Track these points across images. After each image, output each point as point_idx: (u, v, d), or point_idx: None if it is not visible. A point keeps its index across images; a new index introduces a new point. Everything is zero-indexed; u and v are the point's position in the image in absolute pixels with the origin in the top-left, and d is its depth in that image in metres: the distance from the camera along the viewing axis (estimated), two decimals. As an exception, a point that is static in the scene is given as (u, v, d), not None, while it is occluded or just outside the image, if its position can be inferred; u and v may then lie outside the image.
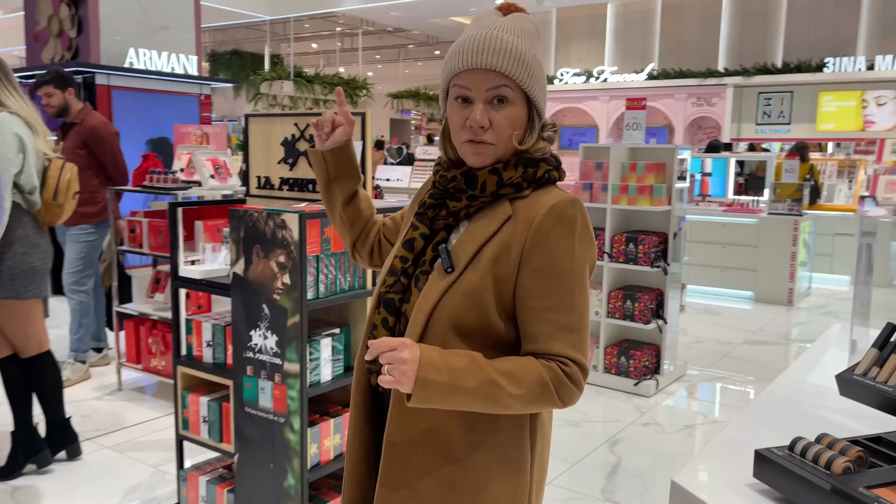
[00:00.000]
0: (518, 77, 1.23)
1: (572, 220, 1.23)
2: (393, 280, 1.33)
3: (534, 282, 1.22)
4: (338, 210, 1.58)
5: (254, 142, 2.82)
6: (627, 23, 13.62)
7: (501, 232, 1.25)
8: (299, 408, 2.30)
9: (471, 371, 1.16)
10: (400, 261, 1.33)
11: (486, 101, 1.24)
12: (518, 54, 1.23)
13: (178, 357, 2.73)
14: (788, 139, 11.91)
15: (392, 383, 1.13)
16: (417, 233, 1.34)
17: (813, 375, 1.94)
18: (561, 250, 1.22)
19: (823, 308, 7.22)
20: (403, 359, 1.13)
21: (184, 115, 6.90)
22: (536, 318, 1.22)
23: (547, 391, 1.19)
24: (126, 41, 6.70)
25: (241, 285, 2.37)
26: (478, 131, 1.24)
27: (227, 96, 19.24)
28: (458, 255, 1.27)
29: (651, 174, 4.64)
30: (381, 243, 1.60)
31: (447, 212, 1.31)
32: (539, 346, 1.22)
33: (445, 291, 1.24)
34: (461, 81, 1.25)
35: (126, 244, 4.33)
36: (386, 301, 1.32)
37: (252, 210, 2.33)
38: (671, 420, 4.20)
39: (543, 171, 1.29)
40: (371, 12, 14.65)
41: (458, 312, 1.23)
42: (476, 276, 1.23)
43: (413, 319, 1.26)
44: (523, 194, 1.28)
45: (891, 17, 11.30)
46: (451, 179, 1.31)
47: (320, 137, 1.54)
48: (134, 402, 4.32)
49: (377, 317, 1.33)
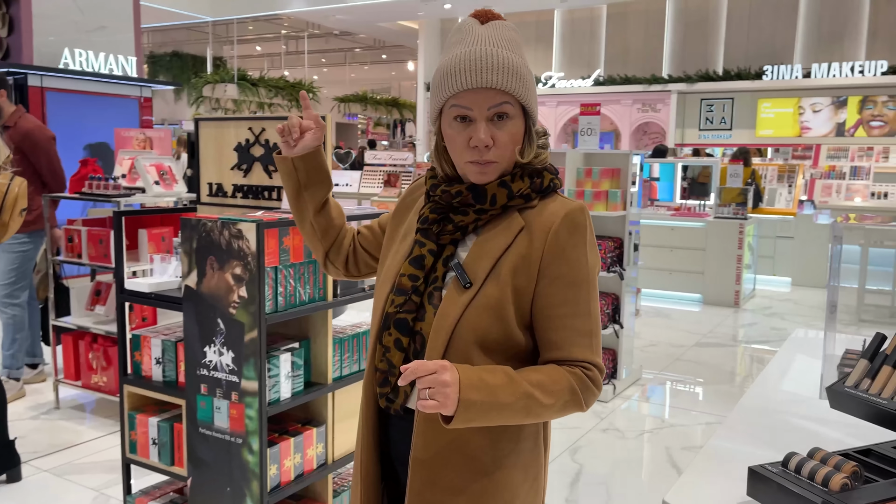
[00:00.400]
0: (517, 93, 1.23)
1: (584, 227, 1.25)
2: (403, 299, 1.28)
3: (554, 290, 1.23)
4: (309, 220, 1.51)
5: (205, 147, 2.68)
6: (574, 29, 13.78)
7: (516, 244, 1.25)
8: (258, 427, 2.18)
9: (507, 386, 1.16)
10: (409, 279, 1.29)
11: (487, 120, 1.23)
12: (515, 70, 1.22)
13: (124, 375, 2.57)
14: (730, 144, 12.22)
15: (436, 408, 1.10)
16: (425, 249, 1.30)
17: (786, 383, 1.93)
18: (577, 258, 1.24)
19: (768, 309, 7.39)
20: (446, 381, 1.10)
21: (123, 118, 6.62)
22: (557, 326, 1.23)
23: (575, 397, 1.21)
24: (61, 41, 6.39)
25: (194, 299, 2.24)
26: (483, 151, 1.23)
27: (168, 99, 18.70)
28: (472, 270, 1.25)
29: (606, 179, 4.65)
30: (357, 252, 1.56)
31: (454, 226, 1.29)
32: (561, 352, 1.23)
33: (466, 307, 1.23)
34: (461, 101, 1.23)
35: (63, 254, 4.10)
36: (398, 321, 1.28)
37: (206, 219, 2.20)
38: (630, 425, 4.20)
39: (548, 180, 1.30)
40: (316, 15, 14.45)
41: (480, 327, 1.22)
42: (496, 289, 1.23)
43: (433, 337, 1.23)
44: (531, 204, 1.28)
45: (826, 28, 11.72)
46: (457, 195, 1.28)
47: (287, 143, 1.45)
48: (73, 420, 4.09)
49: (388, 338, 1.29)
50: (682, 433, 4.07)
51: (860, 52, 11.47)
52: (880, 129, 11.25)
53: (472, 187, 1.27)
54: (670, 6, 12.79)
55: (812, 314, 7.17)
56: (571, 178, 4.72)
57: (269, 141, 2.54)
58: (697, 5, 12.61)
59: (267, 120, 2.58)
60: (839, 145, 11.33)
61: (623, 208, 4.63)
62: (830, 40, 11.67)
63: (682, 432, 4.08)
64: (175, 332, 2.57)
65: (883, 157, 10.99)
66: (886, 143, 11.11)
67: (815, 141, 11.60)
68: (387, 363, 1.28)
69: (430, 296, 1.28)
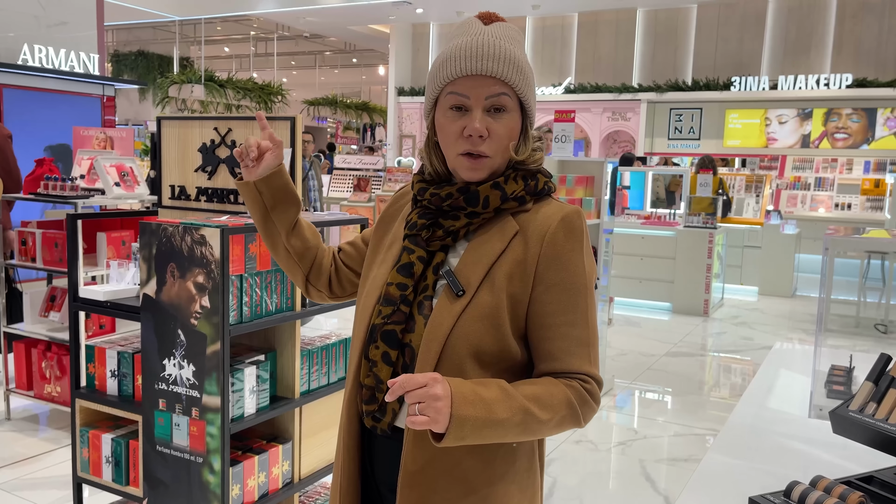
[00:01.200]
0: (516, 85, 1.18)
1: (581, 232, 1.20)
2: (391, 310, 1.20)
3: (551, 297, 1.17)
4: (282, 244, 1.42)
5: (167, 148, 2.55)
6: (545, 37, 13.81)
7: (511, 249, 1.19)
8: (220, 445, 2.05)
9: (502, 401, 1.09)
10: (398, 288, 1.21)
11: (483, 110, 1.18)
12: (517, 62, 1.19)
13: (76, 389, 2.41)
14: (698, 154, 12.32)
15: (426, 424, 1.02)
16: (414, 256, 1.23)
17: (773, 400, 1.87)
18: (574, 264, 1.18)
19: (737, 318, 7.43)
20: (437, 395, 1.02)
21: (84, 117, 6.41)
22: (554, 335, 1.17)
23: (573, 412, 1.15)
24: (20, 36, 6.17)
25: (153, 308, 2.11)
26: (476, 141, 1.17)
27: (133, 99, 18.31)
28: (465, 277, 1.19)
29: (580, 187, 4.60)
30: (340, 272, 1.47)
31: (444, 231, 1.21)
32: (557, 364, 1.17)
33: (459, 316, 1.16)
34: (458, 88, 1.18)
35: (16, 258, 3.91)
36: (385, 333, 1.20)
37: (166, 224, 2.08)
38: (603, 437, 4.14)
39: (543, 182, 1.24)
40: (286, 17, 14.26)
41: (475, 337, 1.15)
42: (491, 296, 1.16)
43: (425, 349, 1.16)
44: (526, 207, 1.22)
45: (792, 41, 11.90)
46: (447, 197, 1.21)
47: (247, 167, 1.37)
48: (25, 432, 3.89)
49: (375, 352, 1.20)
50: (654, 444, 4.03)
51: (825, 65, 11.67)
52: (844, 141, 11.45)
53: (464, 189, 1.21)
54: (640, 16, 12.89)
55: (778, 323, 7.22)
56: (545, 186, 4.66)
57: (235, 142, 2.42)
58: (667, 16, 12.73)
59: (233, 120, 2.46)
60: (804, 157, 11.50)
61: (597, 216, 4.59)
62: (796, 53, 11.85)
63: (653, 444, 4.03)
64: (132, 343, 2.43)
65: (847, 169, 11.18)
66: (850, 155, 11.31)
67: (781, 152, 11.76)
68: (374, 378, 1.20)
69: (420, 306, 1.20)
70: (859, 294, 7.12)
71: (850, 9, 11.45)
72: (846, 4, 11.48)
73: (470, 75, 1.17)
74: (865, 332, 6.78)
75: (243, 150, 1.36)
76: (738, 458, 1.50)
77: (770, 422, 1.72)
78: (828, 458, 1.45)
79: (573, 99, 13.13)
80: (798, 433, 1.61)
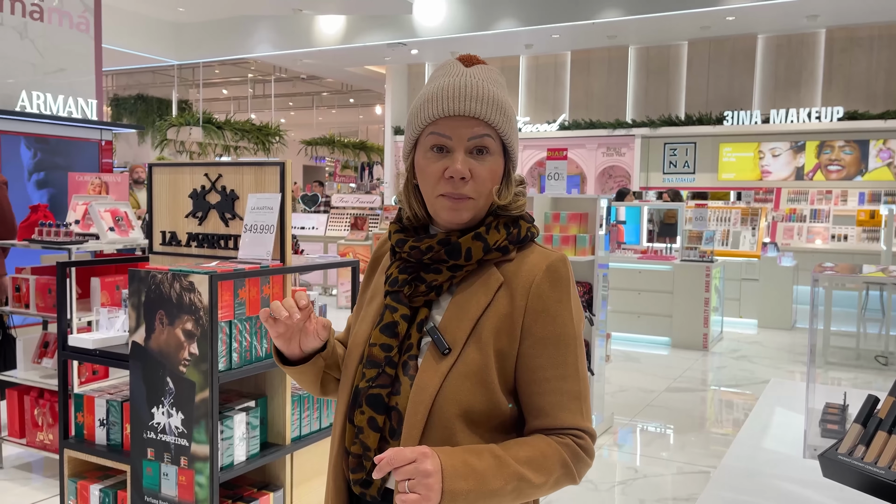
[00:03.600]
0: (499, 127, 1.15)
1: (567, 280, 1.17)
2: (376, 372, 1.15)
3: (540, 351, 1.13)
4: (331, 379, 1.30)
5: (158, 193, 2.56)
6: (538, 75, 13.99)
7: (496, 302, 1.15)
8: (209, 495, 2.02)
9: (495, 470, 1.05)
10: (381, 349, 1.16)
11: (466, 151, 1.14)
12: (500, 104, 1.16)
13: (65, 438, 2.39)
14: (694, 188, 12.39)
15: (417, 501, 0.98)
16: (398, 315, 1.17)
17: (768, 440, 1.85)
18: (562, 316, 1.14)
19: (736, 352, 7.38)
20: (427, 471, 0.98)
21: (82, 162, 6.45)
22: (544, 390, 1.13)
23: (568, 471, 1.11)
24: (18, 83, 6.24)
25: (142, 356, 2.09)
26: (458, 183, 1.13)
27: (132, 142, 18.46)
28: (451, 333, 1.14)
29: (574, 224, 4.61)
30: None
31: (426, 286, 1.17)
32: (549, 419, 1.13)
33: (446, 375, 1.11)
34: (439, 129, 1.14)
35: (10, 304, 3.90)
36: (371, 398, 1.14)
37: (155, 271, 2.07)
38: (603, 476, 4.08)
39: (525, 229, 1.20)
40: (284, 59, 14.46)
41: (463, 397, 1.10)
42: (478, 353, 1.12)
43: (411, 413, 1.11)
44: (509, 257, 1.18)
45: (782, 75, 12.06)
46: (427, 250, 1.16)
47: (284, 337, 1.19)
48: (17, 481, 3.83)
49: (361, 417, 1.14)
50: (656, 483, 3.96)
51: (816, 98, 11.81)
52: (838, 172, 11.52)
53: (444, 241, 1.16)
54: (632, 53, 13.07)
55: (779, 356, 7.17)
56: (539, 223, 4.67)
57: (225, 188, 2.44)
58: (658, 53, 12.91)
59: (224, 166, 2.47)
60: (799, 189, 11.56)
61: (591, 253, 4.59)
62: (787, 87, 12.00)
63: (655, 483, 3.97)
64: (122, 391, 2.41)
65: (841, 201, 11.23)
66: (844, 187, 11.37)
67: (775, 184, 11.82)
68: (360, 446, 1.15)
69: (405, 366, 1.15)
70: (858, 325, 7.08)
71: (839, 43, 11.63)
72: (834, 39, 11.66)
73: (452, 116, 1.13)
74: (866, 364, 6.73)
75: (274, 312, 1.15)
76: (731, 501, 1.48)
77: (764, 463, 1.70)
78: (820, 500, 1.42)
79: (568, 135, 13.25)
80: (792, 474, 1.59)
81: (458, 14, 11.91)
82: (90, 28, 6.90)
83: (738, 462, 1.71)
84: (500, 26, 11.66)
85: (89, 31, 6.89)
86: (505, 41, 12.39)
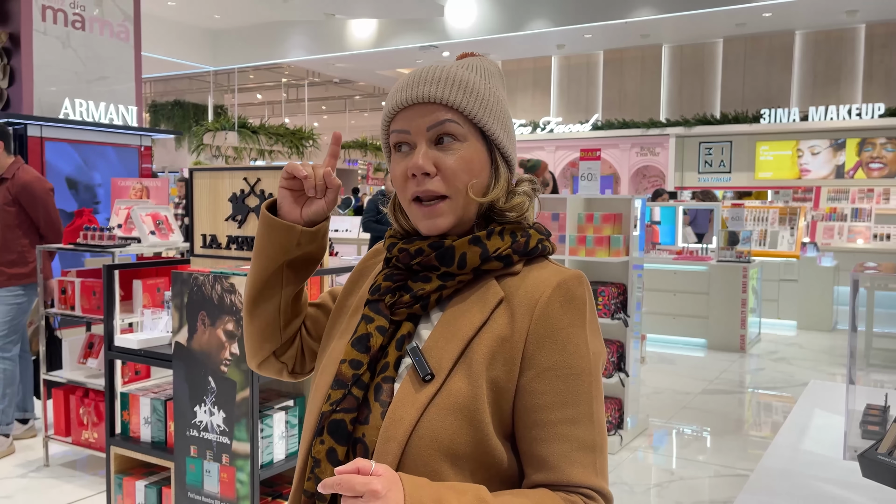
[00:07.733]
0: (465, 108, 0.96)
1: (582, 303, 0.96)
2: (341, 394, 0.94)
3: (544, 386, 0.92)
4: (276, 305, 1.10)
5: (199, 197, 2.63)
6: (571, 75, 13.93)
7: (493, 321, 0.95)
8: (250, 492, 2.07)
9: None
10: (350, 366, 0.96)
11: (429, 142, 0.97)
12: (463, 82, 0.97)
13: (111, 436, 2.46)
14: (730, 187, 12.23)
15: None
16: (373, 326, 0.98)
17: (807, 441, 1.83)
18: (574, 343, 0.93)
19: (775, 354, 7.26)
20: (375, 491, 0.77)
21: (123, 167, 6.62)
22: (549, 436, 0.91)
23: None
24: (61, 91, 6.42)
25: (185, 356, 2.15)
26: (421, 179, 0.96)
27: (169, 147, 18.85)
28: (435, 356, 0.93)
29: (608, 225, 4.60)
30: (304, 342, 1.17)
31: (412, 296, 0.98)
32: (554, 474, 0.91)
33: (426, 407, 0.90)
34: (398, 125, 0.98)
35: (56, 306, 4.02)
36: (332, 423, 0.94)
37: (197, 273, 2.13)
38: (639, 478, 4.06)
39: (536, 240, 1.00)
40: (317, 63, 14.64)
41: (445, 436, 0.89)
42: (466, 383, 0.91)
43: (381, 450, 0.90)
44: (514, 270, 0.98)
45: (821, 71, 11.84)
46: (416, 254, 0.98)
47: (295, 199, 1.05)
48: (63, 479, 3.95)
49: (320, 447, 0.94)
50: (692, 486, 3.93)
51: (857, 94, 11.56)
52: (879, 170, 11.27)
53: (436, 244, 0.97)
54: (666, 52, 12.95)
55: (819, 358, 7.04)
56: (573, 224, 4.66)
57: (264, 191, 2.49)
58: (692, 51, 12.77)
59: (262, 170, 2.53)
60: (839, 187, 11.33)
61: (626, 253, 4.57)
62: (826, 84, 11.77)
63: (691, 485, 3.93)
64: (165, 390, 2.47)
65: (884, 199, 10.97)
66: (886, 185, 11.11)
67: (814, 183, 11.60)
68: (314, 483, 0.93)
69: (378, 390, 0.94)
70: (902, 327, 6.93)
71: (880, 39, 11.38)
72: (874, 35, 11.41)
73: (408, 106, 0.97)
74: (910, 367, 6.58)
75: (307, 173, 1.02)
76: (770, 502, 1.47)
77: (803, 464, 1.68)
78: (859, 502, 1.41)
79: (601, 135, 13.17)
80: (831, 476, 1.57)
81: (489, 15, 11.92)
82: (130, 37, 7.07)
83: (776, 464, 1.69)
84: (531, 27, 11.65)
85: (129, 40, 7.06)
86: (537, 42, 12.37)
